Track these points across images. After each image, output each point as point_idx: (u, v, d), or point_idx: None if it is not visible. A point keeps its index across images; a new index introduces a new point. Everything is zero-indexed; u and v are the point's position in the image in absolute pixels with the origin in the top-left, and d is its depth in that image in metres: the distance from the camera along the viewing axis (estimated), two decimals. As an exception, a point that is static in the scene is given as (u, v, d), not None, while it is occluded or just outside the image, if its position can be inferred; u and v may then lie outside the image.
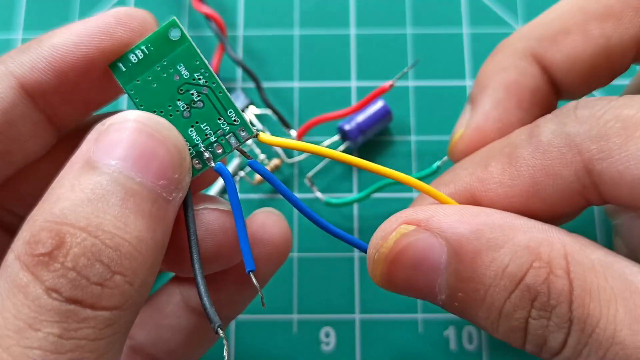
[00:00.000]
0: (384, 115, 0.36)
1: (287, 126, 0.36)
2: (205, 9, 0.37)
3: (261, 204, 0.36)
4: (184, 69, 0.22)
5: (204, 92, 0.22)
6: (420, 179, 0.28)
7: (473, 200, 0.22)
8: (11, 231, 0.24)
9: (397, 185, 0.34)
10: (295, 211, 0.36)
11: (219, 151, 0.22)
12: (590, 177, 0.20)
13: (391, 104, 0.36)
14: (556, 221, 0.22)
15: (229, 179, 0.22)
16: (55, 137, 0.24)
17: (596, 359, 0.18)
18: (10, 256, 0.18)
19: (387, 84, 0.34)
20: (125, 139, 0.19)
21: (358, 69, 0.39)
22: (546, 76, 0.25)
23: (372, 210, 0.36)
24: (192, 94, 0.22)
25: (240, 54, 0.39)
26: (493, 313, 0.20)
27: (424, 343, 0.34)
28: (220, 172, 0.22)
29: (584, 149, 0.20)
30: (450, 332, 0.34)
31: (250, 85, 0.38)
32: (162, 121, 0.21)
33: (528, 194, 0.21)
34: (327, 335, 0.34)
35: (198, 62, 0.22)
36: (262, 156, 0.36)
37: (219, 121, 0.22)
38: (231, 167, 0.36)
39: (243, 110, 0.37)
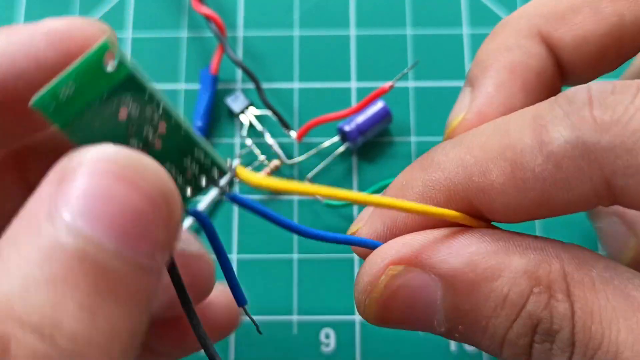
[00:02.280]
0: (384, 116, 0.36)
1: (287, 127, 0.36)
2: (205, 10, 0.37)
3: (261, 204, 0.36)
4: (130, 101, 0.17)
5: (162, 132, 0.17)
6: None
7: (470, 206, 0.20)
8: None
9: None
10: (295, 211, 0.36)
11: (190, 194, 0.18)
12: (610, 190, 0.18)
13: (391, 105, 0.36)
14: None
15: (207, 223, 0.19)
16: None
17: None
18: None
19: (387, 84, 0.34)
20: (98, 191, 0.14)
21: (358, 70, 0.38)
22: (553, 58, 0.23)
23: (372, 211, 0.36)
24: (147, 132, 0.17)
25: (240, 54, 0.39)
26: (496, 341, 0.19)
27: (424, 344, 0.34)
28: (196, 217, 0.19)
29: (606, 163, 0.17)
30: (450, 333, 0.34)
31: (250, 86, 0.37)
32: (144, 160, 0.15)
33: (536, 205, 0.19)
34: (327, 336, 0.34)
35: (147, 96, 0.17)
36: (262, 157, 0.36)
37: (185, 160, 0.18)
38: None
39: (243, 112, 0.37)
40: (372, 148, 0.37)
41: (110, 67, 0.16)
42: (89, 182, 0.14)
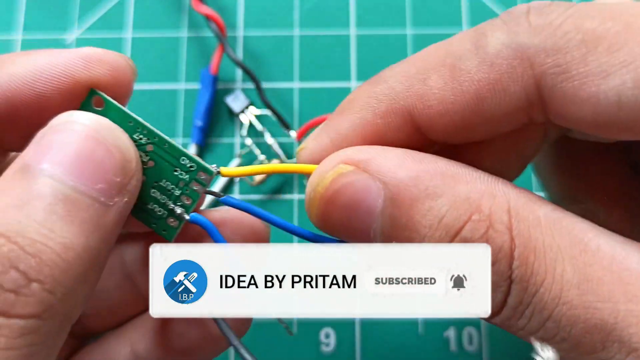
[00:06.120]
0: (384, 115, 0.36)
1: (287, 127, 0.36)
2: (205, 10, 0.37)
3: (261, 204, 0.36)
4: None
5: (150, 149, 0.21)
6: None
7: (411, 118, 0.21)
8: None
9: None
10: (295, 211, 0.36)
11: (188, 202, 0.21)
12: (539, 93, 0.19)
13: (391, 104, 0.36)
14: (495, 135, 0.21)
15: (209, 226, 0.21)
16: (5, 156, 0.23)
17: (540, 320, 0.18)
18: None
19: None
20: (62, 141, 0.19)
21: (358, 69, 0.38)
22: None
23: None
24: (140, 156, 0.21)
25: (240, 54, 0.39)
26: None
27: (424, 344, 0.34)
28: (197, 223, 0.21)
29: (537, 63, 0.19)
30: (451, 333, 0.34)
31: (250, 85, 0.37)
32: (104, 122, 0.20)
33: (470, 111, 0.20)
34: (327, 336, 0.34)
35: (132, 123, 0.21)
36: (262, 157, 0.36)
37: (175, 173, 0.21)
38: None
39: (243, 111, 0.37)
40: (372, 148, 0.37)
41: (97, 108, 0.21)
42: (58, 137, 0.19)
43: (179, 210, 0.21)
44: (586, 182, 0.25)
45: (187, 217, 0.21)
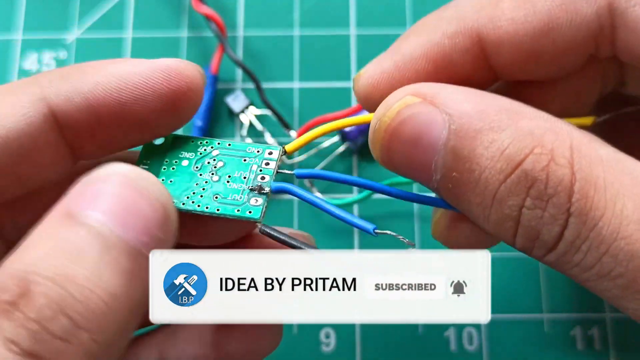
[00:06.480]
0: (384, 116, 0.36)
1: (287, 127, 0.36)
2: (205, 10, 0.37)
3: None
4: (186, 153, 0.23)
5: (216, 154, 0.23)
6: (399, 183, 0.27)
7: (479, 40, 0.21)
8: None
9: (399, 185, 0.34)
10: (295, 211, 0.36)
11: (265, 180, 0.22)
12: (611, 17, 0.19)
13: (391, 104, 0.36)
14: (559, 72, 0.22)
15: (293, 190, 0.22)
16: (73, 165, 0.23)
17: (597, 255, 0.18)
18: None
19: (387, 85, 0.33)
20: (109, 192, 0.19)
21: (358, 69, 0.38)
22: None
23: (373, 211, 0.36)
24: (209, 163, 0.23)
25: (240, 54, 0.39)
26: (486, 198, 0.19)
27: (424, 344, 0.34)
28: (281, 190, 0.22)
29: None
30: (451, 333, 0.34)
31: (250, 85, 0.37)
32: (148, 176, 0.20)
33: (541, 33, 0.20)
34: (328, 336, 0.34)
35: (193, 141, 0.23)
36: (262, 157, 0.36)
37: (245, 162, 0.23)
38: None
39: (243, 111, 0.37)
40: (372, 148, 0.37)
41: (158, 142, 0.23)
42: (104, 187, 0.19)
43: (256, 187, 0.22)
44: (627, 138, 0.25)
45: (268, 188, 0.22)
